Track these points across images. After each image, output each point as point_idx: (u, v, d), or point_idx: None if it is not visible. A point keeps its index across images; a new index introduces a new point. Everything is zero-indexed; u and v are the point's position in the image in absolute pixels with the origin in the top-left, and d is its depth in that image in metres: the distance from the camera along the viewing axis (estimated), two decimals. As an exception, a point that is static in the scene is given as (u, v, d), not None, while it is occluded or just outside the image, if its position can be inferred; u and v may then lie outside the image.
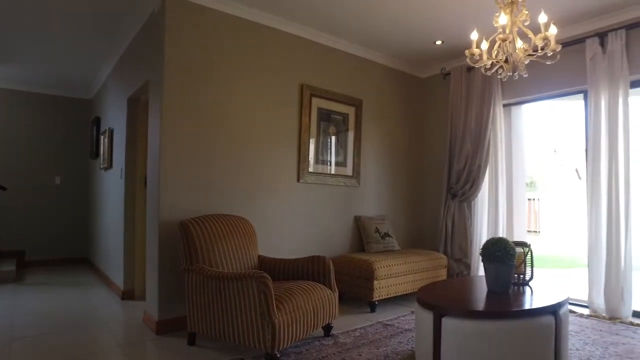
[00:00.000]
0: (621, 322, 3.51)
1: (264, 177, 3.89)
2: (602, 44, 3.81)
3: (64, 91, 6.53)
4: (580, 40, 3.93)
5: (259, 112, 3.87)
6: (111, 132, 4.96)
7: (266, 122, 3.91)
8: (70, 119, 6.63)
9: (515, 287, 2.84)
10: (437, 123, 5.26)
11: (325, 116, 4.39)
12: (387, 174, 5.06)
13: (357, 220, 4.62)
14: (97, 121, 5.84)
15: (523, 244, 2.91)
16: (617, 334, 3.22)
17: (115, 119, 4.85)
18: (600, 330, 3.30)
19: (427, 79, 5.42)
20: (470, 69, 4.77)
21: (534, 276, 2.91)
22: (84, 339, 3.06)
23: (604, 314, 3.66)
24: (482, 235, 4.66)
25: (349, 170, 4.61)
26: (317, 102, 4.30)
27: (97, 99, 6.15)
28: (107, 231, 5.09)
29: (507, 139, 4.71)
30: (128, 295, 4.16)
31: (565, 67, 4.07)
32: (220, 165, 3.59)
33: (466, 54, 2.80)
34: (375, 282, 3.82)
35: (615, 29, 3.73)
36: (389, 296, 3.94)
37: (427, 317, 2.41)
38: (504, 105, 4.65)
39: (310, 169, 4.24)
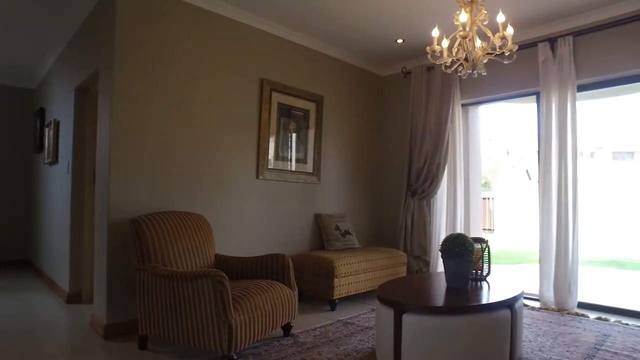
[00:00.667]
0: (568, 314, 3.67)
1: (222, 173, 3.76)
2: (553, 49, 3.97)
3: (3, 80, 6.05)
4: (533, 44, 4.07)
5: (217, 106, 3.73)
6: (57, 124, 4.64)
7: (225, 116, 3.78)
8: (10, 110, 6.15)
9: (473, 283, 2.88)
10: (397, 121, 5.31)
11: (285, 112, 4.31)
12: (347, 171, 5.05)
13: (318, 217, 4.57)
14: (41, 112, 5.45)
15: (481, 240, 2.97)
16: (564, 325, 3.36)
17: (61, 110, 4.53)
18: (550, 322, 3.43)
19: (388, 78, 5.46)
20: (430, 68, 4.84)
21: (491, 271, 2.97)
22: (23, 347, 2.82)
23: (553, 307, 3.82)
24: (440, 232, 4.74)
25: (309, 167, 4.55)
26: (277, 97, 4.21)
27: (42, 88, 5.75)
28: (51, 231, 4.75)
29: (465, 138, 4.83)
30: (74, 298, 3.90)
31: (519, 69, 4.21)
32: (176, 161, 3.43)
33: (427, 51, 2.81)
34: (336, 280, 3.78)
35: (564, 35, 3.90)
36: (349, 294, 3.92)
37: (388, 314, 2.39)
38: (463, 105, 4.75)
39: (270, 166, 4.15)
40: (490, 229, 11.15)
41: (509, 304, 2.42)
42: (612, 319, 3.53)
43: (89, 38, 3.71)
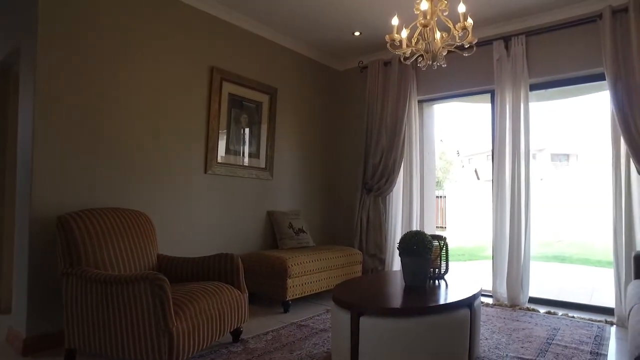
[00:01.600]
0: (520, 309, 3.71)
1: (167, 167, 3.46)
2: (507, 47, 4.01)
3: None
4: (488, 42, 4.09)
5: (161, 93, 3.43)
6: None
7: (170, 105, 3.48)
8: None
9: (432, 281, 2.80)
10: (354, 117, 5.19)
11: (237, 103, 4.06)
12: (302, 167, 4.88)
13: (270, 215, 4.36)
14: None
15: (439, 238, 2.89)
16: (517, 320, 3.38)
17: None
18: (504, 318, 3.43)
19: (345, 72, 5.34)
20: (387, 63, 4.77)
21: (449, 269, 2.90)
22: None
23: (506, 302, 3.85)
24: (396, 230, 4.68)
25: (262, 162, 4.33)
26: (228, 88, 3.95)
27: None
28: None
29: (421, 135, 4.79)
30: (-8, 307, 3.44)
31: (475, 67, 4.23)
32: (112, 152, 3.10)
33: (386, 39, 2.69)
34: (289, 280, 3.60)
35: (518, 34, 3.95)
36: (303, 295, 3.75)
37: (344, 316, 2.23)
38: (419, 102, 4.71)
39: (220, 160, 3.89)
40: (442, 227, 11.40)
41: (468, 303, 2.35)
42: (560, 312, 3.60)
43: (8, 9, 3.27)
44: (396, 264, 4.66)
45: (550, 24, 3.82)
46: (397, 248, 2.71)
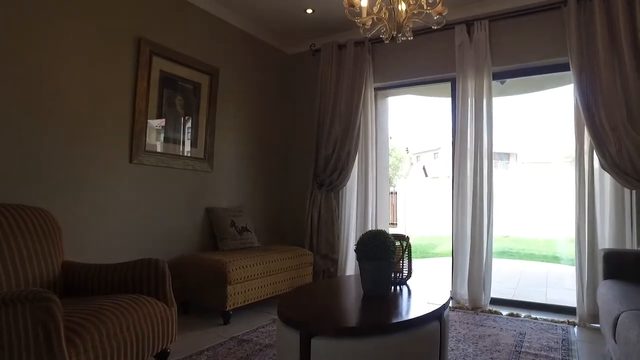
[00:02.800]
0: (482, 312, 3.47)
1: (82, 156, 2.86)
2: (469, 32, 3.76)
3: None
4: (450, 27, 3.80)
5: (75, 67, 2.81)
6: None
7: (84, 80, 2.87)
8: None
9: (393, 288, 2.44)
10: (305, 104, 4.77)
11: (170, 83, 3.50)
12: (247, 158, 4.39)
13: (210, 212, 3.84)
14: None
15: (401, 238, 2.54)
16: (482, 325, 3.13)
17: None
18: (467, 324, 3.17)
19: (296, 56, 4.90)
20: (341, 46, 4.38)
21: (412, 273, 2.56)
22: None
23: (467, 305, 3.60)
24: (350, 228, 4.32)
25: (200, 152, 3.79)
26: (160, 64, 3.38)
27: None
28: None
29: (377, 126, 4.46)
30: None
31: (436, 53, 3.97)
32: (11, 138, 2.46)
33: (345, 5, 2.28)
34: (229, 287, 3.12)
35: (481, 19, 3.70)
36: (247, 303, 3.28)
37: (292, 337, 1.81)
38: (375, 89, 4.37)
39: (149, 148, 3.32)
40: (393, 224, 11.30)
41: (438, 315, 2.01)
42: (522, 314, 3.40)
43: None
44: (350, 265, 4.31)
45: (515, 9, 3.60)
46: (355, 251, 2.32)
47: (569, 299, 4.37)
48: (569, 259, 7.51)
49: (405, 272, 2.55)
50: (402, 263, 2.54)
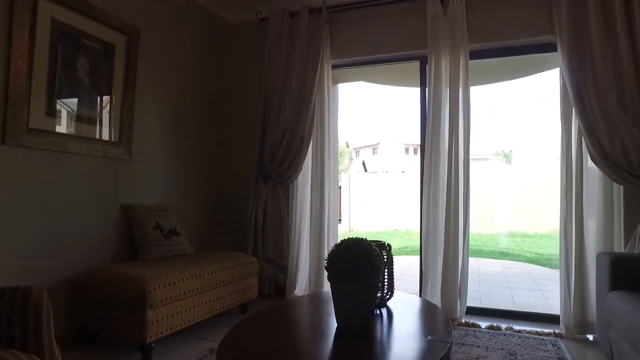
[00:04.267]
0: (459, 325, 3.00)
1: None
2: (443, 3, 3.25)
3: None
4: (421, -4, 3.28)
5: None
6: None
7: None
8: None
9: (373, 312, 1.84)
10: (249, 82, 4.03)
11: (69, 39, 2.62)
12: (176, 144, 3.58)
13: (127, 210, 3.01)
14: None
15: (380, 246, 1.95)
16: (464, 344, 2.64)
17: None
18: (446, 345, 2.67)
19: (239, 26, 4.13)
20: (294, 14, 3.70)
21: (394, 292, 1.98)
22: None
23: (439, 319, 3.12)
24: (302, 229, 3.69)
25: (113, 134, 2.94)
26: (52, 10, 2.49)
27: None
28: None
29: (334, 109, 3.83)
30: None
31: (404, 25, 3.46)
32: None
33: None
34: (150, 312, 2.35)
35: (456, -13, 3.21)
36: (175, 330, 2.52)
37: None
38: (333, 67, 3.73)
39: (35, 125, 2.43)
40: (339, 219, 10.85)
41: (446, 357, 1.44)
42: (503, 325, 2.97)
43: None
44: (303, 274, 3.68)
45: (494, -23, 3.16)
46: (326, 268, 1.69)
47: (539, 302, 4.13)
48: (515, 255, 7.49)
49: (386, 291, 1.97)
50: (382, 279, 1.95)
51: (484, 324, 3.01)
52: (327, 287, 3.25)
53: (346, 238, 1.70)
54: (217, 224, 4.02)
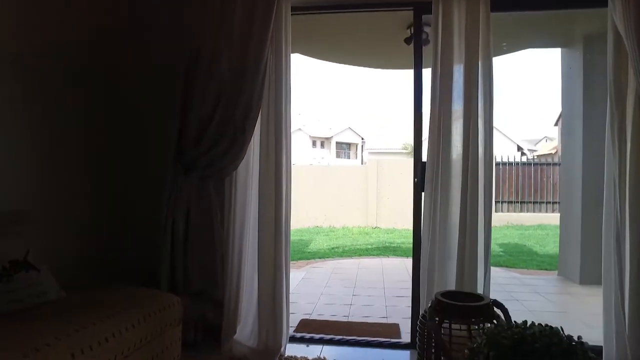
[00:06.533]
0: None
1: None
2: None
3: None
4: None
5: None
6: None
7: None
8: None
9: None
10: (161, 26, 2.69)
11: None
12: (35, 120, 2.15)
13: None
14: None
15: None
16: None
17: None
18: None
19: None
20: None
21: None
22: None
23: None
24: (246, 242, 2.50)
25: None
26: None
27: None
28: None
29: (289, 70, 2.68)
30: None
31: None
32: None
33: None
34: None
35: None
36: None
37: None
38: (294, 10, 2.56)
39: None
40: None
41: None
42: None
43: None
44: (247, 307, 2.50)
45: None
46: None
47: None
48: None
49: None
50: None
51: None
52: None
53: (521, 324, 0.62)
54: (113, 242, 2.63)
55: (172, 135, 2.45)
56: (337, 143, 28.84)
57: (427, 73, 2.48)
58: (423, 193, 2.44)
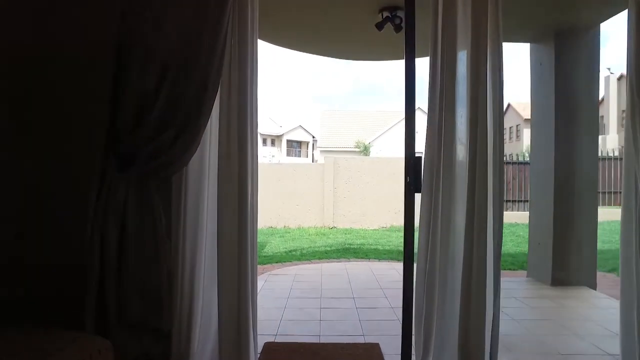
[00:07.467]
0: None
1: None
2: None
3: None
4: None
5: None
6: None
7: None
8: None
9: None
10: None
11: None
12: None
13: None
14: None
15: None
16: None
17: None
18: None
19: None
20: None
21: None
22: None
23: None
24: (199, 258, 1.97)
25: None
26: None
27: None
28: None
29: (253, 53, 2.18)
30: None
31: None
32: None
33: None
34: None
35: None
36: None
37: None
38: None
39: None
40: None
41: None
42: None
43: None
44: (203, 339, 1.97)
45: None
46: None
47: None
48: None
49: None
50: None
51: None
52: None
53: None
54: (21, 261, 1.98)
55: (100, 117, 1.86)
56: (287, 141, 28.35)
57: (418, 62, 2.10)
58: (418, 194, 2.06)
